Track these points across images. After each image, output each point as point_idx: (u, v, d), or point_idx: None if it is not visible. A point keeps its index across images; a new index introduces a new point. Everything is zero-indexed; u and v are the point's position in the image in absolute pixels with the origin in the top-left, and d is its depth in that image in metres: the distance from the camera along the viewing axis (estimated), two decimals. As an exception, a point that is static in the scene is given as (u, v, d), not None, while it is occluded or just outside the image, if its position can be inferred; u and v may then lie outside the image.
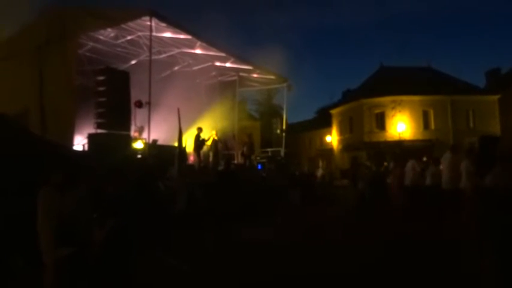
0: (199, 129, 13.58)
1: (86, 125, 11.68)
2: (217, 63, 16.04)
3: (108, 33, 13.22)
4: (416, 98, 32.14)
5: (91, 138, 10.49)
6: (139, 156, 11.63)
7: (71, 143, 10.28)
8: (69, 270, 3.92)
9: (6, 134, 6.66)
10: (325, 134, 39.44)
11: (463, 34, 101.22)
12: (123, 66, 13.99)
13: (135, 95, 12.72)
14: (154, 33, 11.99)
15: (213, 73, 16.95)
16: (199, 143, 13.43)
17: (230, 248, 7.09)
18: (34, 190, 4.08)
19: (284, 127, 18.99)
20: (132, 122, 12.76)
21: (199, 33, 13.41)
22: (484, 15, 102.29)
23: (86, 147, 10.67)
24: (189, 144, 13.14)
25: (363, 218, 10.47)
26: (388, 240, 7.52)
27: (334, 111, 38.84)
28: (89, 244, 4.22)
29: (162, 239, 7.02)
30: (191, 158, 14.22)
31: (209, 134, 14.14)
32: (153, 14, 10.73)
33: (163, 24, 11.78)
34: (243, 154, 15.34)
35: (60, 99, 10.60)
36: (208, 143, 14.08)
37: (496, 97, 33.09)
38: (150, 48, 11.36)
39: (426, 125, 32.61)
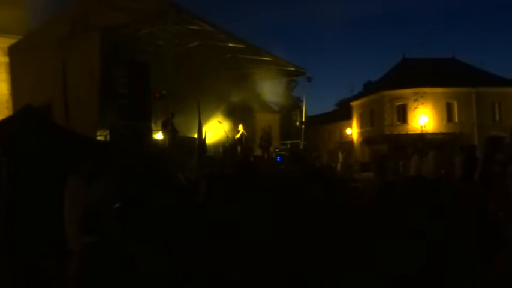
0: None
1: (107, 116, 11.88)
2: (237, 55, 16.01)
3: (129, 26, 13.33)
4: (439, 90, 31.36)
5: (113, 129, 10.67)
6: (159, 147, 11.78)
7: (94, 134, 10.48)
8: (93, 257, 4.02)
9: (32, 124, 6.84)
10: (345, 127, 39.01)
11: (489, 24, 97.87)
12: (143, 58, 14.11)
13: (155, 86, 12.85)
14: (174, 26, 12.04)
15: (233, 65, 16.91)
16: None
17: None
18: (60, 179, 4.19)
19: (303, 119, 18.85)
20: (153, 113, 12.91)
21: (219, 25, 13.41)
22: (510, 4, 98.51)
23: (108, 138, 10.87)
24: (208, 136, 13.28)
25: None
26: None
27: (354, 104, 38.34)
28: (112, 233, 4.31)
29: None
30: None
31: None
32: (174, 6, 10.80)
33: (184, 16, 11.81)
34: (261, 146, 15.37)
35: (83, 91, 10.80)
36: (237, 136, 14.45)
37: (524, 89, 32.02)
38: (170, 40, 11.41)
39: (450, 118, 31.82)
